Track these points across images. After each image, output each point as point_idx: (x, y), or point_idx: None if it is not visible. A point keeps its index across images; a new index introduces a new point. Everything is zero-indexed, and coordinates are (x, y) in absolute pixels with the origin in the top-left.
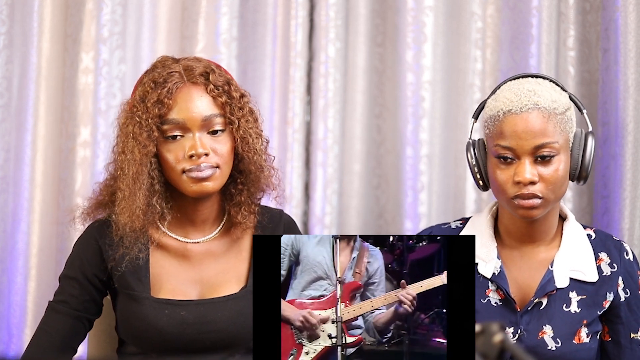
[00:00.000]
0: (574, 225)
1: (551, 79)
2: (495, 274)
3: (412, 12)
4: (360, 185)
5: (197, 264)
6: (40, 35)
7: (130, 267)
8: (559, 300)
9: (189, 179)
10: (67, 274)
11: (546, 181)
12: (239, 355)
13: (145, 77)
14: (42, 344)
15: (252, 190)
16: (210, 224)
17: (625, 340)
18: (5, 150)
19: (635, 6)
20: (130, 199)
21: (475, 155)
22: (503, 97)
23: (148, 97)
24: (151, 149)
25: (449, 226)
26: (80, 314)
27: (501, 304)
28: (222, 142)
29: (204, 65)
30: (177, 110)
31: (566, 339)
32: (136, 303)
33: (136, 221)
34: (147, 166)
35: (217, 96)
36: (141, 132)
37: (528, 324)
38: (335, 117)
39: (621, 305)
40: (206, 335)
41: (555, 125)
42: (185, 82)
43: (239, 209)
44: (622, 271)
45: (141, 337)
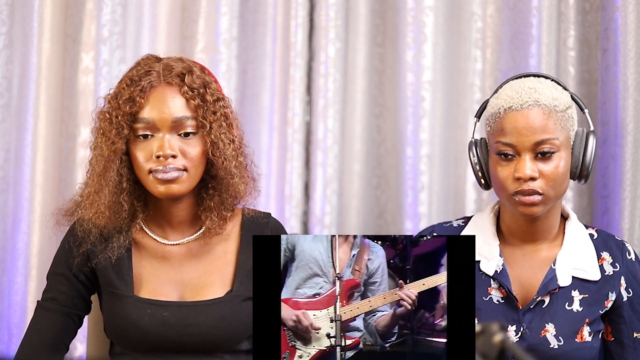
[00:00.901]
0: (576, 224)
1: (553, 78)
2: (497, 272)
3: (412, 12)
4: (360, 185)
5: (177, 265)
6: (40, 35)
7: (110, 264)
8: (561, 299)
9: (155, 180)
10: (54, 271)
11: (546, 177)
12: (225, 357)
13: (126, 74)
14: (34, 343)
15: (224, 197)
16: (188, 226)
17: (628, 340)
18: (5, 150)
19: (635, 6)
20: (96, 195)
21: (477, 154)
22: (504, 95)
23: (121, 94)
24: (120, 146)
25: (451, 225)
26: (70, 310)
27: (503, 302)
28: (193, 145)
29: (183, 66)
30: (149, 109)
31: (568, 337)
32: (119, 301)
33: (101, 217)
34: (116, 163)
35: (190, 98)
36: (110, 128)
37: (530, 322)
38: (335, 117)
39: (624, 305)
40: (188, 337)
41: (555, 122)
42: (160, 82)
43: (209, 214)
44: (625, 271)
45: (124, 336)
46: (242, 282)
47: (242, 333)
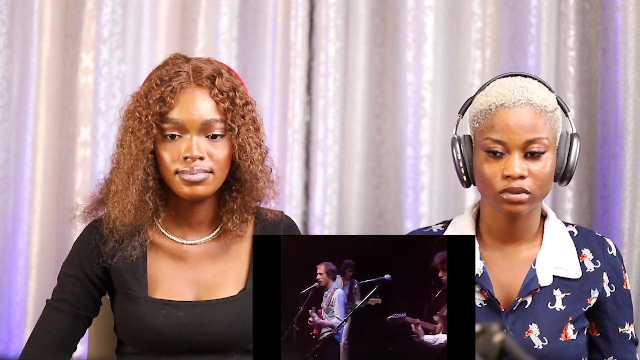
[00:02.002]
0: (555, 222)
1: (540, 79)
2: (478, 276)
3: (412, 12)
4: (360, 185)
5: (194, 265)
6: (40, 35)
7: (125, 265)
8: (543, 299)
9: (181, 181)
10: (67, 272)
11: (535, 177)
12: (236, 356)
13: (154, 73)
14: (43, 342)
15: (247, 199)
16: (207, 226)
17: (614, 335)
18: (5, 150)
19: (635, 6)
20: (123, 193)
21: (461, 151)
22: (495, 92)
23: (151, 93)
24: (148, 145)
25: (431, 229)
26: (81, 312)
27: (486, 305)
28: (220, 147)
29: (213, 68)
30: (178, 110)
31: (552, 336)
32: (133, 302)
33: (127, 215)
34: (143, 162)
35: (220, 101)
36: (140, 127)
37: (514, 324)
38: (335, 117)
39: (607, 300)
40: (202, 336)
41: (545, 122)
42: (190, 83)
43: (230, 216)
44: (607, 267)
45: (137, 337)
46: None
47: None
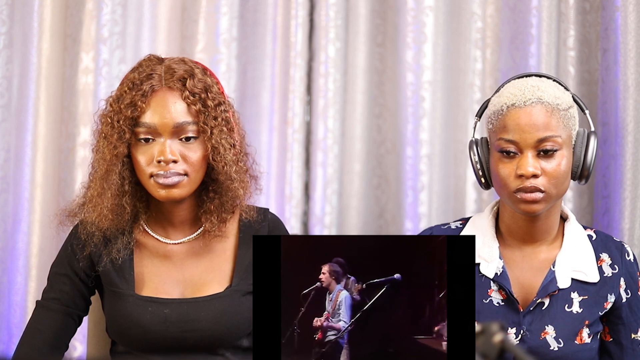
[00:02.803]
0: (575, 225)
1: (555, 78)
2: (497, 274)
3: (412, 12)
4: (360, 185)
5: (179, 263)
6: (40, 35)
7: (111, 266)
8: (560, 301)
9: (156, 184)
10: (56, 271)
11: (548, 175)
12: (227, 354)
13: (127, 76)
14: (35, 342)
15: (224, 199)
16: (189, 225)
17: (627, 341)
18: (5, 150)
19: (635, 6)
20: (99, 198)
21: (478, 153)
22: (507, 93)
23: (123, 97)
24: (122, 150)
25: (449, 226)
26: (71, 310)
27: (503, 304)
28: (194, 149)
29: (185, 69)
30: (150, 114)
31: (568, 339)
32: (120, 300)
33: (104, 220)
34: (118, 166)
35: (191, 103)
36: (112, 132)
37: (530, 324)
38: (335, 117)
39: (623, 306)
40: (189, 333)
41: (558, 120)
42: (162, 86)
43: (209, 217)
44: (624, 272)
45: (125, 335)
46: (241, 278)
47: (243, 328)
